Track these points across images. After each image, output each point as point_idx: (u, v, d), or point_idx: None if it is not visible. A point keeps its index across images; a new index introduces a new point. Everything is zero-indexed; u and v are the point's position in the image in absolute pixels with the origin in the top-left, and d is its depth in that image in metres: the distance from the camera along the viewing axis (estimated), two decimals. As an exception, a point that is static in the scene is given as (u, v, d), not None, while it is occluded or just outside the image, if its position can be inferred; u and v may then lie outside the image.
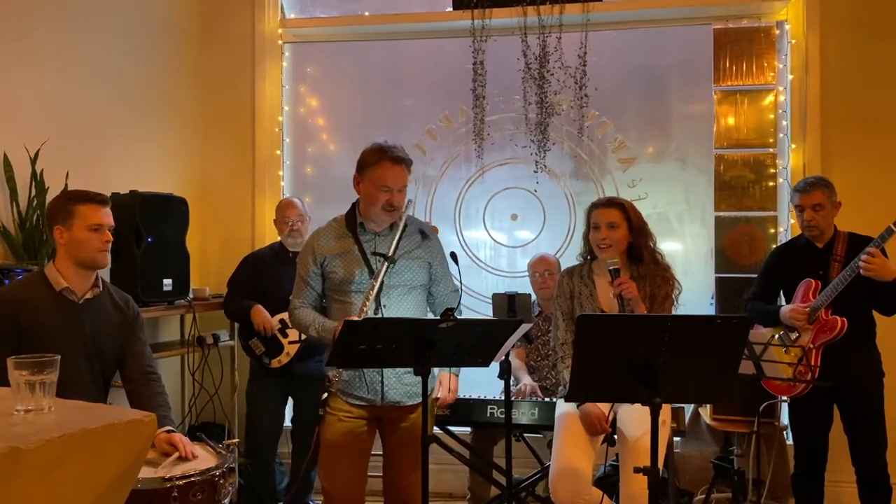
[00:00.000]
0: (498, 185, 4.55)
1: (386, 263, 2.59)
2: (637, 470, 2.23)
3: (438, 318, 2.43)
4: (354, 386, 2.65)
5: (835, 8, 4.05)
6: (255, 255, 4.04)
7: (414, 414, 2.70)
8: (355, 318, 2.46)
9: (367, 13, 4.60)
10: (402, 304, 2.68)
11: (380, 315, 2.61)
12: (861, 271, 3.00)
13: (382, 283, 2.61)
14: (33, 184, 3.29)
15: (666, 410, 2.80)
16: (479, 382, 3.80)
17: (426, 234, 2.78)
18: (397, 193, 2.62)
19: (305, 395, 3.67)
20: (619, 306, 2.78)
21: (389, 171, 2.60)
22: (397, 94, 4.68)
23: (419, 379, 2.64)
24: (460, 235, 4.59)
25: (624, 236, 2.90)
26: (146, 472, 2.16)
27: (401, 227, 2.65)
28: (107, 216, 2.55)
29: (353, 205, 2.76)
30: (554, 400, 3.40)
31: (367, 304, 2.55)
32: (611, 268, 2.82)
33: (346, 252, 2.68)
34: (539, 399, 3.51)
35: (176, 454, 2.32)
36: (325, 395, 2.68)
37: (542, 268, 3.89)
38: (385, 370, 2.62)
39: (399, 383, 2.65)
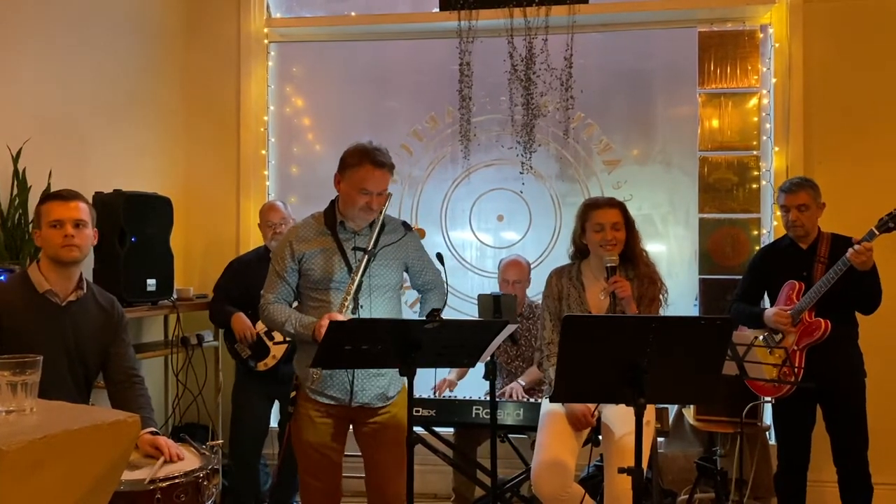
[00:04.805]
0: (484, 186, 4.55)
1: (366, 257, 2.57)
2: (622, 470, 2.24)
3: (424, 318, 2.43)
4: (325, 385, 2.63)
5: (818, 12, 4.09)
6: (239, 260, 4.01)
7: (383, 416, 2.68)
8: (342, 318, 2.45)
9: (353, 13, 4.59)
10: (380, 305, 2.67)
11: (357, 315, 2.60)
12: (849, 255, 3.04)
13: (361, 282, 2.60)
14: (15, 182, 3.26)
15: (650, 411, 2.82)
16: (463, 383, 3.81)
17: (409, 226, 2.77)
18: (376, 197, 2.59)
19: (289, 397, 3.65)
20: (611, 304, 2.80)
21: (370, 174, 2.57)
22: (383, 95, 4.68)
23: (390, 382, 2.65)
24: (446, 236, 4.59)
25: (624, 236, 2.93)
26: (129, 474, 2.14)
27: (379, 223, 2.63)
28: (68, 210, 2.48)
29: (332, 202, 2.74)
30: (536, 400, 3.41)
31: (348, 300, 2.53)
32: (608, 265, 2.84)
33: (325, 249, 2.65)
34: (523, 400, 3.52)
35: (161, 459, 2.30)
36: (294, 393, 2.68)
37: (512, 276, 3.80)
38: (357, 371, 2.61)
39: (369, 385, 2.64)
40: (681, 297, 4.22)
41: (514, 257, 3.96)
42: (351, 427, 2.74)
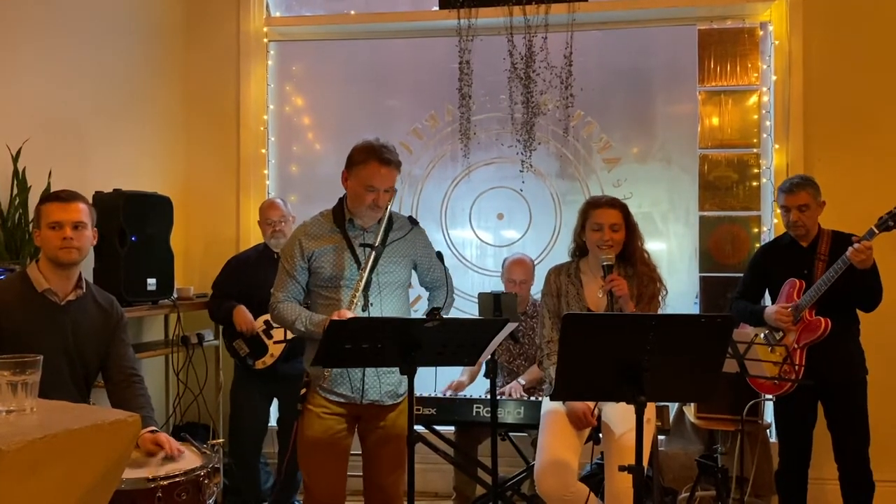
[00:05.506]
0: (484, 185, 4.55)
1: (374, 253, 2.57)
2: (622, 468, 2.24)
3: (425, 317, 2.43)
4: (336, 383, 2.63)
5: (818, 9, 4.09)
6: (238, 258, 4.02)
7: (393, 413, 2.69)
8: (342, 318, 2.45)
9: (353, 12, 4.59)
10: (390, 303, 2.68)
11: (367, 313, 2.60)
12: (848, 254, 3.03)
13: (371, 279, 2.60)
14: (15, 182, 3.26)
15: (650, 409, 2.81)
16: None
17: (415, 221, 2.77)
18: (383, 194, 2.61)
19: (290, 395, 3.63)
20: (609, 303, 2.79)
21: (377, 171, 2.58)
22: (383, 93, 4.67)
23: (400, 380, 2.65)
24: (446, 235, 4.59)
25: (623, 237, 2.92)
26: (130, 473, 2.14)
27: (385, 220, 2.63)
28: (67, 212, 2.48)
29: (341, 199, 2.74)
30: (537, 398, 3.41)
31: (356, 296, 2.53)
32: (604, 263, 2.84)
33: (334, 247, 2.66)
34: (523, 398, 3.51)
35: (162, 453, 2.30)
36: (304, 390, 2.68)
37: (518, 276, 3.80)
38: (367, 369, 2.61)
39: (380, 383, 2.65)
40: (681, 295, 4.22)
41: (518, 256, 3.94)
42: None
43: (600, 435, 2.94)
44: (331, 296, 2.65)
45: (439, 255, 2.83)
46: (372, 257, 2.58)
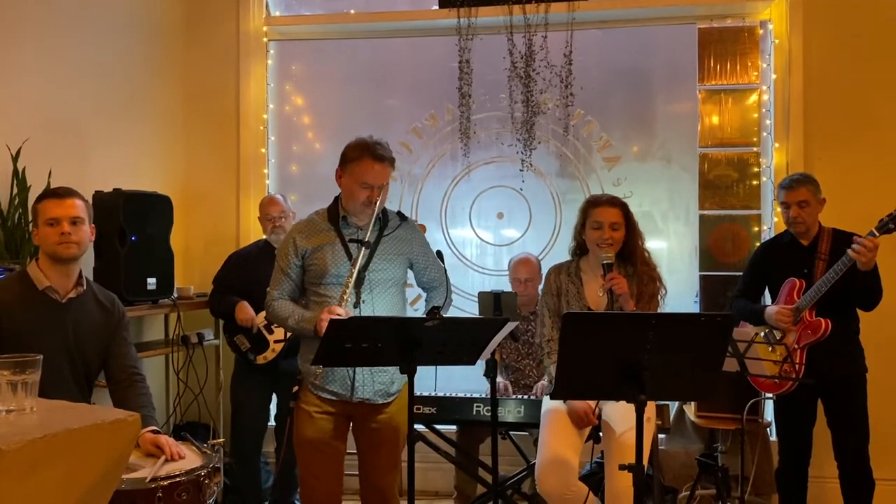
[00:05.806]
0: (484, 184, 4.55)
1: (363, 249, 2.57)
2: (622, 467, 2.24)
3: (424, 316, 2.43)
4: (328, 380, 2.63)
5: (817, 8, 4.09)
6: (239, 253, 4.02)
7: (384, 415, 2.68)
8: (341, 311, 2.46)
9: (352, 11, 4.59)
10: (382, 301, 2.67)
11: (358, 310, 2.60)
12: (851, 253, 3.02)
13: (363, 276, 2.61)
14: (15, 182, 3.26)
15: (651, 407, 2.82)
16: (464, 380, 3.81)
17: (405, 216, 2.77)
18: (377, 190, 2.61)
19: (289, 392, 3.65)
20: (609, 301, 2.79)
21: (370, 168, 2.59)
22: (383, 93, 4.67)
23: (392, 379, 2.66)
24: (446, 234, 4.59)
25: (623, 236, 2.93)
26: (130, 473, 2.14)
27: (374, 216, 2.62)
28: (64, 208, 2.49)
29: (336, 198, 2.74)
30: (536, 397, 3.41)
31: (347, 292, 2.54)
32: (604, 262, 2.84)
33: (328, 245, 2.66)
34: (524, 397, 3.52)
35: (162, 458, 2.30)
36: (296, 388, 2.68)
37: (523, 274, 3.84)
38: (358, 367, 2.61)
39: (371, 381, 2.64)
40: (681, 293, 4.22)
41: (523, 255, 3.95)
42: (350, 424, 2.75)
43: (600, 434, 2.94)
44: (324, 293, 2.65)
45: (439, 254, 2.83)
46: (362, 253, 2.58)
